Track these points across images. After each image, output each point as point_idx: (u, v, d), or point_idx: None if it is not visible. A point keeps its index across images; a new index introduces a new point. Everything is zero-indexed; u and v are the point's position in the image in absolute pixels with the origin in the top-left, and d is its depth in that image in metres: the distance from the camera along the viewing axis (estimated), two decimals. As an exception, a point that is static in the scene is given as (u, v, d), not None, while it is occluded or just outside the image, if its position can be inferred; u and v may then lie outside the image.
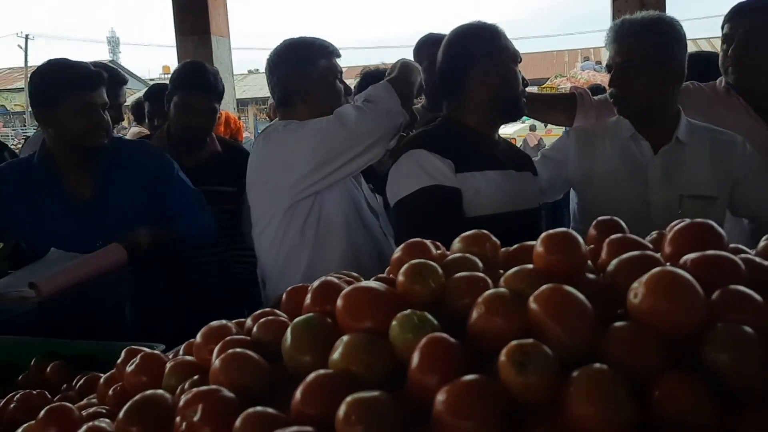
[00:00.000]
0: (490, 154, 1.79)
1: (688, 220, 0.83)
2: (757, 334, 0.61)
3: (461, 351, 0.64)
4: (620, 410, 0.55)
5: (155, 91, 3.32)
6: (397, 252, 0.88)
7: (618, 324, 0.64)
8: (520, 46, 2.65)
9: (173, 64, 4.96)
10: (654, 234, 0.94)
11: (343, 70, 1.97)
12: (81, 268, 1.79)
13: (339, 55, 1.95)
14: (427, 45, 2.59)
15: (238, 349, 0.70)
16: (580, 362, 0.60)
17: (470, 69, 1.76)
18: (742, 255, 0.77)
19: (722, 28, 2.08)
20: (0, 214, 1.95)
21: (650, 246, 0.84)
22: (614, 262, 0.75)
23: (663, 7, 4.04)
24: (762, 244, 0.84)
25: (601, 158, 1.88)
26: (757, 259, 0.76)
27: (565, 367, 0.59)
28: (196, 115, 2.36)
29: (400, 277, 0.76)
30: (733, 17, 2.05)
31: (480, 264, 0.85)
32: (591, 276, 0.76)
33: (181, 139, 2.40)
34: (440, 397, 0.57)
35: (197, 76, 2.39)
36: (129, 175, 1.99)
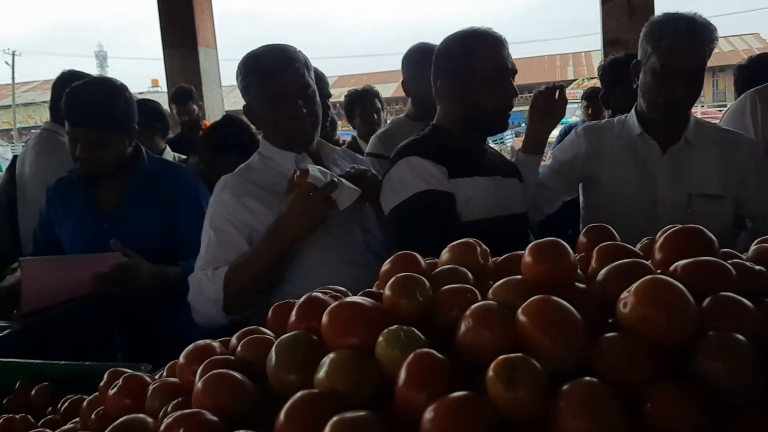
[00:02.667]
0: (478, 160, 1.78)
1: (678, 226, 0.82)
2: (749, 342, 0.60)
3: (449, 367, 0.62)
4: (611, 424, 0.53)
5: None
6: (386, 265, 0.87)
7: (608, 335, 0.62)
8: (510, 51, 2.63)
9: (162, 77, 4.95)
10: (645, 240, 0.93)
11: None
12: (71, 261, 1.85)
13: (308, 66, 1.73)
14: (414, 54, 2.59)
15: (221, 370, 0.68)
16: (570, 375, 0.59)
17: (442, 81, 1.76)
18: (734, 260, 0.75)
19: None
20: (48, 226, 2.08)
21: (640, 253, 0.82)
22: (604, 270, 0.74)
23: (651, 11, 4.07)
24: (753, 248, 0.83)
25: (609, 157, 1.89)
26: (749, 264, 0.75)
27: (555, 380, 0.58)
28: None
29: (387, 291, 0.75)
30: None
31: (469, 275, 0.83)
32: (581, 285, 0.74)
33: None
34: (427, 415, 0.56)
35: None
36: (152, 193, 2.00)
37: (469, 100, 1.72)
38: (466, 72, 1.71)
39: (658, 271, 0.76)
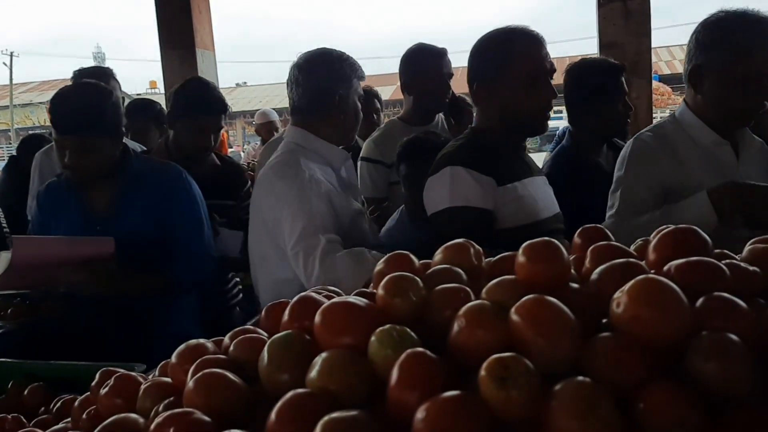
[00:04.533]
0: (521, 163, 1.76)
1: (672, 226, 0.82)
2: (743, 342, 0.60)
3: (442, 366, 0.62)
4: (604, 424, 0.53)
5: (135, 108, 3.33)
6: (380, 265, 0.87)
7: (601, 335, 0.62)
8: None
9: (160, 79, 4.94)
10: (639, 241, 0.93)
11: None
12: (62, 243, 1.84)
13: (364, 78, 1.94)
14: (414, 55, 2.59)
15: (213, 370, 0.68)
16: (563, 375, 0.58)
17: (479, 84, 1.73)
18: (728, 260, 0.75)
19: None
20: (42, 229, 2.05)
21: (634, 253, 0.82)
22: (597, 270, 0.74)
23: (648, 15, 4.07)
24: (748, 248, 0.83)
25: (690, 166, 1.75)
26: (743, 265, 0.75)
27: (548, 380, 0.58)
28: (205, 137, 2.37)
29: (380, 291, 0.74)
30: None
31: (463, 275, 0.83)
32: (574, 285, 0.74)
33: (185, 157, 2.37)
34: (419, 415, 0.56)
35: (207, 98, 2.37)
36: (143, 193, 1.99)
37: (509, 103, 1.68)
38: (504, 73, 1.67)
39: (652, 271, 0.76)
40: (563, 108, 2.50)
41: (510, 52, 1.68)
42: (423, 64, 2.54)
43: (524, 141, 1.88)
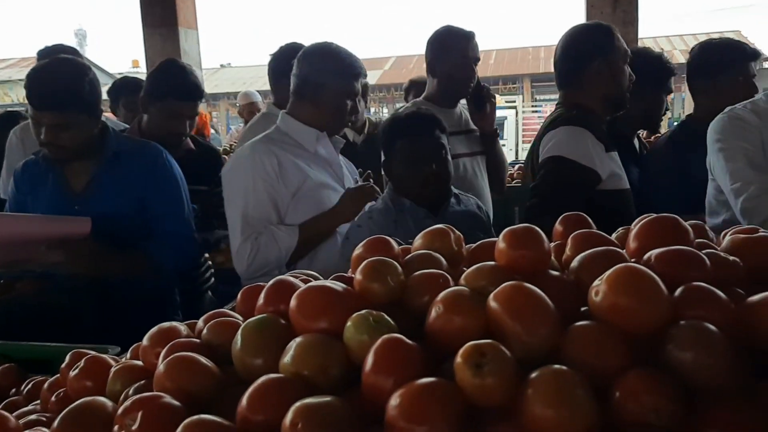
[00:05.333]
0: (612, 137, 1.99)
1: (654, 215, 0.81)
2: (721, 332, 0.59)
3: (418, 352, 0.61)
4: (580, 412, 0.52)
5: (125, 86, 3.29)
6: (359, 249, 0.85)
7: (579, 323, 0.61)
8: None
9: (142, 58, 4.85)
10: (621, 230, 0.93)
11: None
12: (37, 221, 1.81)
13: (365, 77, 2.03)
14: (442, 37, 2.52)
15: (184, 353, 0.67)
16: (541, 362, 0.58)
17: (591, 63, 1.97)
18: (708, 250, 0.75)
19: None
20: (19, 207, 2.02)
21: (615, 242, 0.82)
22: (578, 258, 0.73)
23: (635, 4, 4.07)
24: (728, 238, 0.82)
25: None
26: (722, 254, 0.75)
27: (526, 367, 0.57)
28: (180, 122, 2.33)
29: (358, 276, 0.73)
30: None
31: (443, 260, 0.82)
32: (554, 273, 0.74)
33: (159, 142, 2.33)
34: (393, 401, 0.55)
35: (183, 83, 2.31)
36: (122, 172, 1.95)
37: (615, 81, 1.97)
38: (613, 55, 1.97)
39: (633, 259, 0.75)
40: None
41: (613, 37, 1.99)
42: (448, 46, 2.48)
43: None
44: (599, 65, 1.96)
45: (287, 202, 1.88)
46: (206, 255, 2.53)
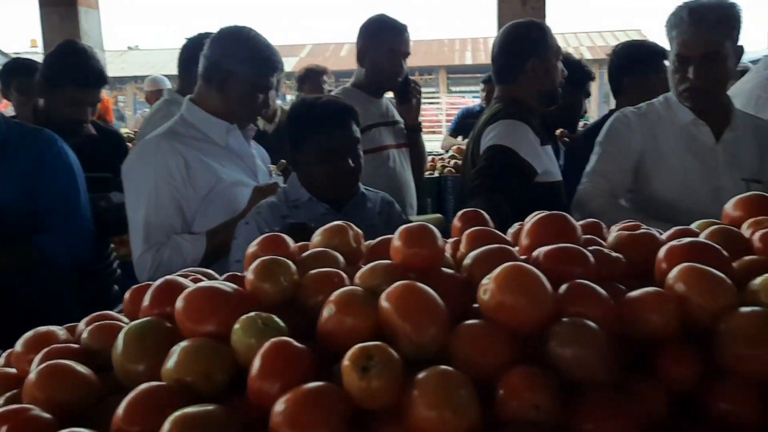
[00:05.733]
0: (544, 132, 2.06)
1: (545, 213, 0.83)
2: (601, 328, 0.62)
3: (307, 355, 0.60)
4: (462, 413, 0.53)
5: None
6: (253, 246, 0.83)
7: (467, 322, 0.62)
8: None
9: (40, 38, 4.55)
10: (516, 225, 0.95)
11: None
12: None
13: (282, 71, 1.93)
14: (373, 25, 2.48)
15: (57, 361, 0.62)
16: (432, 361, 0.58)
17: (530, 60, 2.01)
18: (594, 247, 0.78)
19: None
20: None
21: (508, 239, 0.84)
22: (470, 256, 0.74)
23: (543, 1, 4.19)
24: (613, 235, 0.86)
25: (665, 143, 1.85)
26: (606, 251, 0.78)
27: (417, 366, 0.57)
28: (80, 110, 2.17)
29: (249, 275, 0.71)
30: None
31: (340, 259, 0.81)
32: (448, 271, 0.74)
33: (57, 129, 2.17)
34: (278, 407, 0.53)
35: (84, 68, 2.15)
36: (9, 161, 1.80)
37: (549, 78, 2.04)
38: (547, 53, 2.03)
39: (524, 257, 0.77)
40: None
41: (548, 35, 2.06)
42: (379, 37, 2.45)
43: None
44: (534, 63, 2.02)
45: (195, 207, 1.75)
46: (111, 246, 2.41)
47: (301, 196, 1.65)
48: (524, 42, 2.05)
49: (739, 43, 1.77)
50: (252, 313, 0.63)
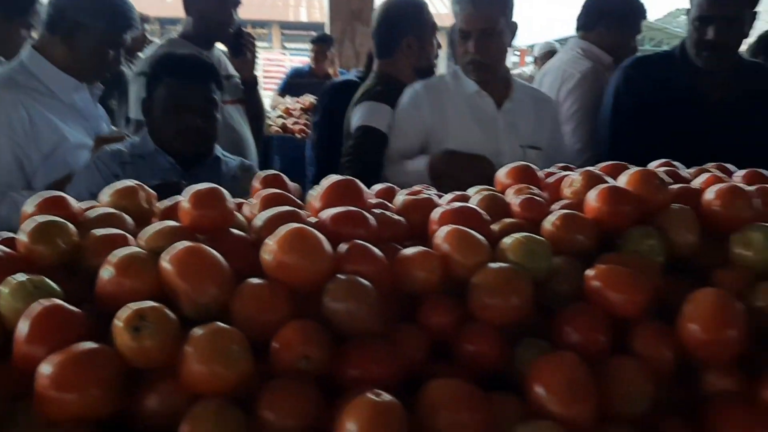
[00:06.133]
0: None
1: (338, 177, 0.88)
2: (373, 284, 0.68)
3: (81, 319, 0.59)
4: (234, 366, 0.56)
5: None
6: (29, 206, 0.79)
7: (248, 281, 0.65)
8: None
9: None
10: (317, 187, 0.99)
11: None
12: None
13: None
14: None
15: None
16: (215, 319, 0.60)
17: (407, 38, 2.12)
18: (379, 210, 0.84)
19: None
20: None
21: (299, 202, 0.87)
22: (259, 217, 0.77)
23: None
24: (400, 199, 0.93)
25: (452, 113, 1.96)
26: (388, 214, 0.85)
27: (194, 326, 0.59)
28: None
29: (22, 237, 0.68)
30: None
31: (129, 220, 0.80)
32: (237, 232, 0.76)
33: None
34: (43, 369, 0.53)
35: None
36: None
37: (424, 54, 2.16)
38: (423, 30, 2.15)
39: (313, 219, 0.82)
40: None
41: (424, 13, 2.19)
42: None
43: None
44: (410, 39, 2.12)
45: (36, 164, 1.62)
46: None
47: (147, 147, 1.59)
48: (400, 19, 2.15)
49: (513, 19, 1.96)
50: (21, 277, 0.61)
